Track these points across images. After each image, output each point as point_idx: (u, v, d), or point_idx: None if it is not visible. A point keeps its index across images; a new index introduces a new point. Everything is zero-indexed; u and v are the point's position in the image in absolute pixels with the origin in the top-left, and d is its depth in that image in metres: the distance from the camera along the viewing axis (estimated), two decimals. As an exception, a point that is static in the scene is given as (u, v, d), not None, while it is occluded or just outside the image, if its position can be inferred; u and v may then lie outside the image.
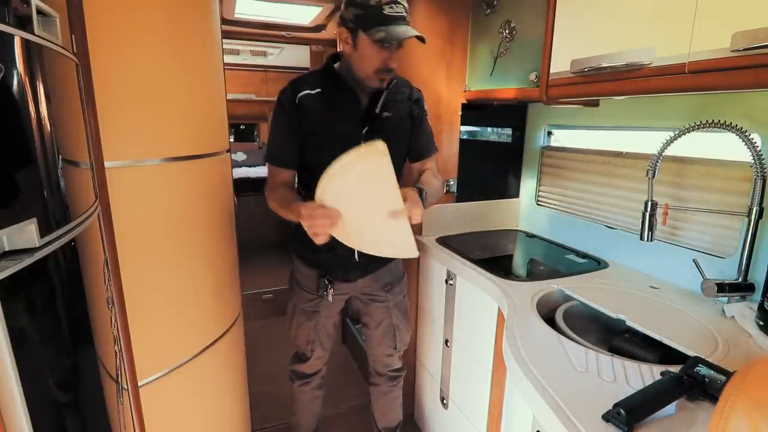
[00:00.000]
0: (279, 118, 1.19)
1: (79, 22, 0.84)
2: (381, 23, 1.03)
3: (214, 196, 1.24)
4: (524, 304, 1.08)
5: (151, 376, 1.10)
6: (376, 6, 1.03)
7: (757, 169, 0.99)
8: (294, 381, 1.50)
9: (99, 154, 0.92)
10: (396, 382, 1.54)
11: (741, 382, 0.56)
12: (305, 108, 1.16)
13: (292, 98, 1.16)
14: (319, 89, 1.16)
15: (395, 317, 1.42)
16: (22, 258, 0.55)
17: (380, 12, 1.03)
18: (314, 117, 1.16)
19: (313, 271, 1.31)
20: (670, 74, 0.93)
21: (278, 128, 1.20)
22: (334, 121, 1.17)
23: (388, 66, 1.10)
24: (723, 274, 1.11)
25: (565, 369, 0.80)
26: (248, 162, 4.68)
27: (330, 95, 1.17)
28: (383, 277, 1.37)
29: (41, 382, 0.63)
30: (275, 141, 1.22)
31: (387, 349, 1.46)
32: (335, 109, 1.17)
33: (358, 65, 1.11)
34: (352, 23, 1.06)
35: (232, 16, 2.44)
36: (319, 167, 1.12)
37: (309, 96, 1.16)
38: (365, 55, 1.08)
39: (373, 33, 1.04)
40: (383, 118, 1.20)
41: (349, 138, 1.15)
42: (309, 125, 1.17)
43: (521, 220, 1.87)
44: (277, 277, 3.24)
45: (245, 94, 4.62)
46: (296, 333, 1.40)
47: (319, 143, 1.18)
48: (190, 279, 1.17)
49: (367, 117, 1.18)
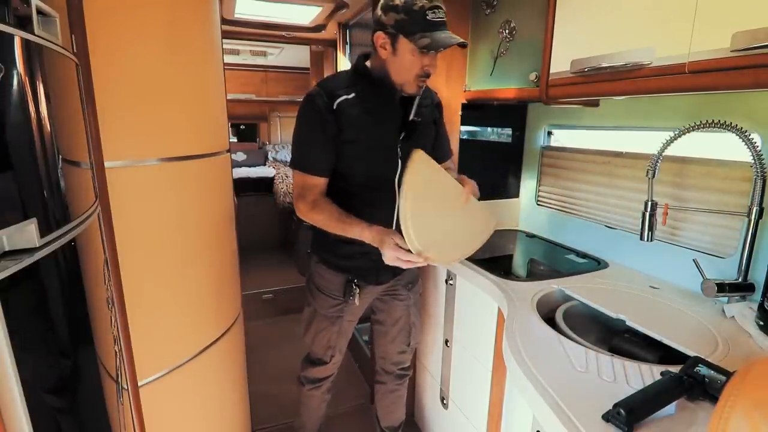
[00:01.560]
0: (312, 124, 1.11)
1: (79, 22, 0.84)
2: (424, 29, 1.01)
3: (214, 196, 1.24)
4: (524, 304, 1.08)
5: (151, 376, 1.10)
6: (420, 11, 1.00)
7: (757, 169, 0.99)
8: (304, 385, 1.45)
9: (99, 154, 0.92)
10: (403, 381, 1.54)
11: (741, 382, 0.56)
12: (344, 115, 1.10)
13: (329, 104, 1.09)
14: (353, 94, 1.11)
15: (413, 315, 1.43)
16: (22, 258, 0.55)
17: (423, 18, 1.01)
18: (354, 124, 1.11)
19: (339, 276, 1.28)
20: (670, 74, 0.93)
21: (314, 135, 1.12)
22: (374, 128, 1.12)
23: (429, 72, 1.08)
24: (723, 274, 1.11)
25: (565, 369, 0.80)
26: (248, 162, 4.68)
27: (367, 100, 1.12)
28: (406, 276, 1.38)
29: (41, 382, 0.63)
30: (310, 148, 1.14)
31: (400, 346, 1.46)
32: (374, 115, 1.12)
33: (397, 71, 1.08)
34: (393, 28, 1.03)
35: (232, 16, 2.44)
36: (353, 175, 1.16)
37: (347, 102, 1.10)
38: (406, 60, 1.05)
39: (416, 39, 1.02)
40: (415, 123, 1.18)
41: (387, 145, 1.14)
42: (349, 133, 1.11)
43: (521, 220, 1.87)
44: (277, 277, 3.25)
45: (245, 94, 4.63)
46: (314, 339, 1.35)
47: (357, 151, 1.13)
48: (190, 279, 1.17)
49: (402, 123, 1.16)
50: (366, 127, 1.11)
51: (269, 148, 5.12)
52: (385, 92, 1.12)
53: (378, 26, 1.06)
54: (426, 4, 1.01)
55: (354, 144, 1.12)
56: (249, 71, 4.55)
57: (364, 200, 1.18)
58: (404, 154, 1.15)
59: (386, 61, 1.09)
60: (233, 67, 4.36)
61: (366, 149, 1.13)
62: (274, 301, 2.92)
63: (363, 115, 1.11)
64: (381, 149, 1.14)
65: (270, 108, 5.07)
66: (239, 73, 4.48)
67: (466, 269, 1.34)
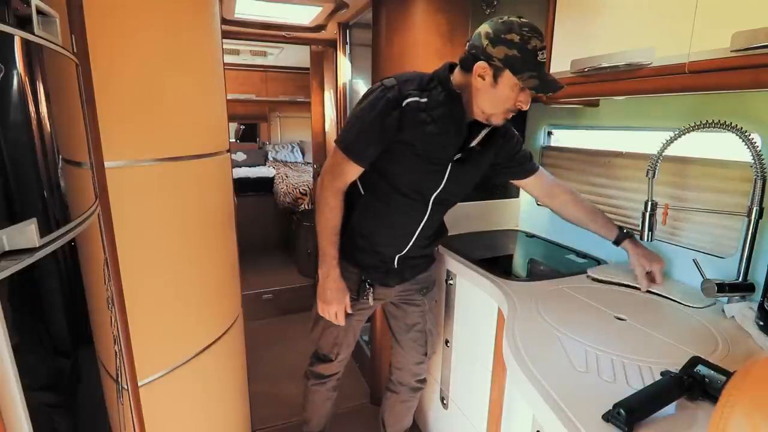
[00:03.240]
0: (375, 113, 1.07)
1: (79, 22, 0.84)
2: (533, 69, 0.99)
3: (214, 196, 1.24)
4: (524, 304, 1.08)
5: (151, 376, 1.10)
6: (532, 51, 0.97)
7: (757, 169, 0.99)
8: (309, 379, 1.47)
9: (99, 154, 0.92)
10: (417, 393, 1.53)
11: (741, 382, 0.56)
12: (410, 115, 1.06)
13: (399, 100, 1.05)
14: (426, 99, 1.07)
15: (429, 321, 1.41)
16: (22, 258, 0.55)
17: (534, 57, 0.98)
18: (416, 129, 1.07)
19: (354, 272, 1.26)
20: (670, 74, 0.93)
21: (371, 124, 1.07)
22: (435, 140, 1.08)
23: (522, 108, 1.05)
24: (723, 274, 1.11)
25: (565, 369, 0.80)
26: (248, 162, 4.68)
27: (437, 110, 1.07)
28: (421, 281, 1.37)
29: (41, 382, 0.63)
30: (361, 135, 1.09)
31: (417, 356, 1.44)
32: (439, 126, 1.07)
33: (490, 101, 1.04)
34: (501, 62, 0.99)
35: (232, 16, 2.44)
36: (395, 177, 1.14)
37: (417, 104, 1.06)
38: (503, 94, 1.02)
39: (524, 78, 0.98)
40: (475, 150, 1.16)
41: (440, 160, 1.12)
42: (408, 135, 1.07)
43: (521, 220, 1.87)
44: (277, 277, 3.25)
45: (245, 94, 4.62)
46: (321, 336, 1.35)
47: (407, 155, 1.10)
48: (190, 279, 1.17)
49: (463, 145, 1.13)
50: (426, 135, 1.07)
51: (269, 148, 5.12)
52: (458, 110, 1.08)
53: (482, 55, 1.01)
54: (538, 44, 0.98)
55: (408, 147, 1.09)
56: (249, 71, 4.55)
57: (394, 204, 1.17)
58: (451, 175, 1.14)
59: (479, 89, 1.04)
60: (233, 67, 4.36)
61: (418, 156, 1.10)
62: (274, 301, 2.93)
63: (428, 123, 1.07)
64: (432, 162, 1.11)
65: (270, 108, 5.07)
66: (239, 73, 4.48)
67: (466, 269, 1.34)
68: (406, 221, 1.21)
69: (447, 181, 1.15)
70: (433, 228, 1.27)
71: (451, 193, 1.19)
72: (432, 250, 1.37)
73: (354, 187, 1.20)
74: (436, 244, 1.35)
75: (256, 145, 5.14)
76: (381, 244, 1.23)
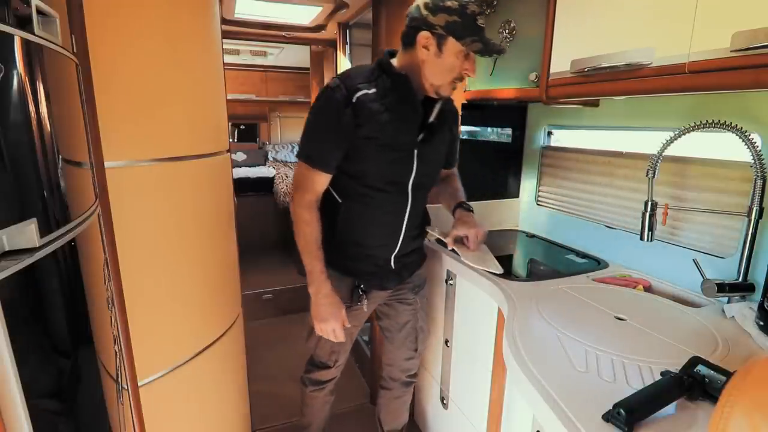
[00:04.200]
0: (327, 116, 1.07)
1: (79, 22, 0.84)
2: (475, 33, 1.01)
3: (214, 196, 1.24)
4: (524, 304, 1.08)
5: (151, 376, 1.10)
6: (471, 16, 1.00)
7: (757, 169, 0.99)
8: (307, 386, 1.45)
9: (99, 154, 0.92)
10: (409, 388, 1.53)
11: (741, 382, 0.56)
12: (363, 109, 1.05)
13: (348, 97, 1.05)
14: (374, 89, 1.07)
15: (421, 319, 1.42)
16: (22, 258, 0.55)
17: (474, 22, 1.00)
18: (373, 120, 1.06)
19: (345, 280, 1.24)
20: (670, 74, 0.93)
21: (326, 128, 1.08)
22: (394, 127, 1.09)
23: (469, 75, 1.07)
24: (723, 274, 1.11)
25: (565, 369, 0.80)
26: (248, 162, 4.68)
27: (388, 97, 1.08)
28: (414, 279, 1.37)
29: (41, 382, 0.63)
30: (320, 142, 1.09)
31: (408, 352, 1.44)
32: (395, 113, 1.08)
33: (437, 72, 1.06)
34: (443, 29, 1.01)
35: (232, 16, 2.44)
36: (366, 175, 1.13)
37: (367, 97, 1.06)
38: (449, 62, 1.04)
39: (468, 42, 1.01)
40: (434, 126, 1.16)
41: (405, 146, 1.12)
42: (367, 129, 1.07)
43: (521, 220, 1.87)
44: (277, 277, 3.24)
45: (245, 94, 4.63)
46: (318, 345, 1.34)
47: (372, 150, 1.10)
48: (190, 279, 1.17)
49: (422, 124, 1.14)
50: (385, 124, 1.07)
51: (269, 148, 5.12)
52: (408, 91, 1.09)
53: (423, 25, 1.02)
54: (476, 9, 1.01)
55: (371, 141, 1.08)
56: (249, 71, 4.55)
57: (375, 203, 1.16)
58: (420, 157, 1.15)
59: (425, 61, 1.05)
60: (233, 67, 4.36)
61: (382, 147, 1.10)
62: (274, 301, 2.92)
63: (383, 111, 1.07)
64: (398, 149, 1.12)
65: (270, 108, 5.07)
66: (239, 73, 4.48)
67: (466, 269, 1.34)
68: (391, 216, 1.20)
69: (417, 164, 1.15)
70: (419, 216, 1.28)
71: (425, 175, 1.19)
72: (422, 242, 1.37)
73: (330, 198, 1.18)
74: (423, 235, 1.35)
75: (256, 145, 5.13)
76: (373, 247, 1.22)
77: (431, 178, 1.24)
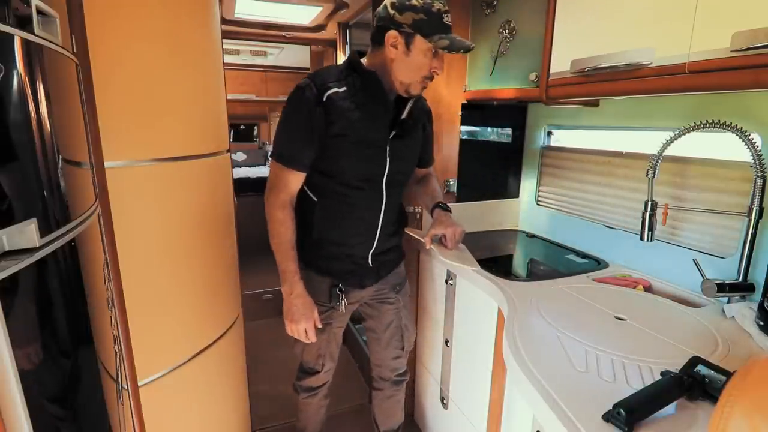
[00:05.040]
0: (299, 115, 1.09)
1: (79, 22, 0.84)
2: (442, 30, 1.03)
3: (214, 196, 1.24)
4: (524, 305, 1.08)
5: (151, 376, 1.10)
6: (437, 14, 1.02)
7: (757, 169, 0.99)
8: (299, 393, 1.44)
9: (99, 154, 0.92)
10: (400, 386, 1.53)
11: (741, 382, 0.56)
12: (334, 108, 1.07)
13: (318, 95, 1.07)
14: (345, 87, 1.09)
15: (404, 317, 1.42)
16: (22, 258, 0.55)
17: (440, 20, 1.02)
18: (344, 118, 1.08)
19: (323, 280, 1.24)
20: (670, 74, 0.93)
21: (297, 127, 1.09)
22: (365, 124, 1.10)
23: (437, 73, 1.09)
24: (723, 274, 1.11)
25: (565, 369, 0.80)
26: (248, 162, 4.68)
27: (358, 95, 1.10)
28: (392, 278, 1.37)
29: (41, 382, 0.63)
30: (292, 141, 1.11)
31: (394, 351, 1.44)
32: (365, 110, 1.10)
33: (405, 70, 1.08)
34: (410, 28, 1.03)
35: (232, 16, 2.44)
36: (339, 172, 1.14)
37: (337, 95, 1.08)
38: (417, 60, 1.06)
39: (435, 39, 1.03)
40: (406, 124, 1.18)
41: (377, 143, 1.13)
42: (338, 127, 1.08)
43: (521, 220, 1.87)
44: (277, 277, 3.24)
45: (245, 94, 4.62)
46: (304, 349, 1.33)
47: (345, 146, 1.11)
48: (190, 279, 1.17)
49: (394, 121, 1.16)
50: (355, 121, 1.09)
51: (269, 148, 5.12)
52: (378, 89, 1.10)
53: (391, 24, 1.04)
54: (441, 7, 1.03)
55: (342, 138, 1.10)
56: (249, 71, 4.55)
57: (350, 201, 1.17)
58: (393, 154, 1.15)
59: (394, 60, 1.08)
60: (233, 67, 4.36)
61: (354, 145, 1.11)
62: (274, 301, 2.92)
63: (353, 109, 1.09)
64: (369, 146, 1.13)
65: (270, 108, 5.07)
66: (239, 73, 4.48)
67: (466, 269, 1.34)
68: (367, 213, 1.20)
69: (390, 160, 1.16)
70: (395, 212, 1.28)
71: (399, 172, 1.20)
72: (399, 240, 1.37)
73: (305, 197, 1.19)
74: (401, 232, 1.35)
75: (256, 145, 5.13)
76: (351, 245, 1.22)
77: (405, 175, 1.26)
